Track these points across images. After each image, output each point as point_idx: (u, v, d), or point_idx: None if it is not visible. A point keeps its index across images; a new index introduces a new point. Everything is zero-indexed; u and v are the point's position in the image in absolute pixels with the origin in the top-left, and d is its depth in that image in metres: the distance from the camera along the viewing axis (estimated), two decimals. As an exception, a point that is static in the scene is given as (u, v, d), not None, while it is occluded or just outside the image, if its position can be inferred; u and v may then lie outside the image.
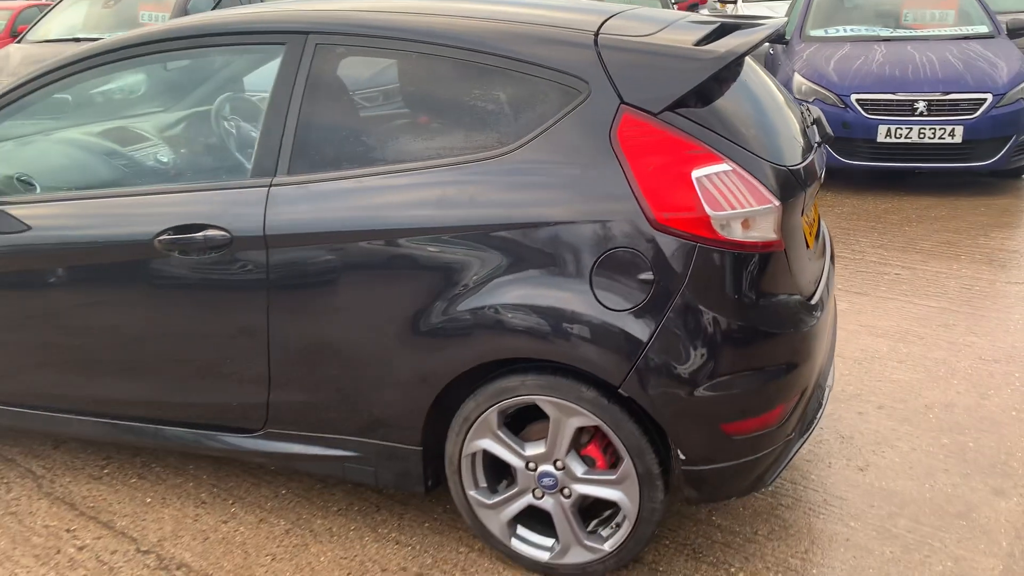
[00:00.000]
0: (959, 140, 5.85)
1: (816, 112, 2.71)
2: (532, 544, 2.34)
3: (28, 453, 3.03)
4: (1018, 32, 6.68)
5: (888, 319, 3.99)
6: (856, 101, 6.00)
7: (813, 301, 2.28)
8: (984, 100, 5.81)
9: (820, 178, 2.40)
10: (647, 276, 2.01)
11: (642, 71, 2.07)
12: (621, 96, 2.05)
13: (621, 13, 2.36)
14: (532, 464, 2.25)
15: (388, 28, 2.25)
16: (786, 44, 7.11)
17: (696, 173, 1.98)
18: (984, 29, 6.74)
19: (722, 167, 1.99)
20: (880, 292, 4.34)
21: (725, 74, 2.13)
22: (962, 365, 3.51)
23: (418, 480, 2.37)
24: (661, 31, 2.22)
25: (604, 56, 2.10)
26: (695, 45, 2.11)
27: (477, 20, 2.24)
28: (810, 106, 2.76)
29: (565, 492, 2.24)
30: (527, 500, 2.30)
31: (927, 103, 5.87)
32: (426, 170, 2.17)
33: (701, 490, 2.19)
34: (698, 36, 2.17)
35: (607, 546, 2.26)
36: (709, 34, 2.20)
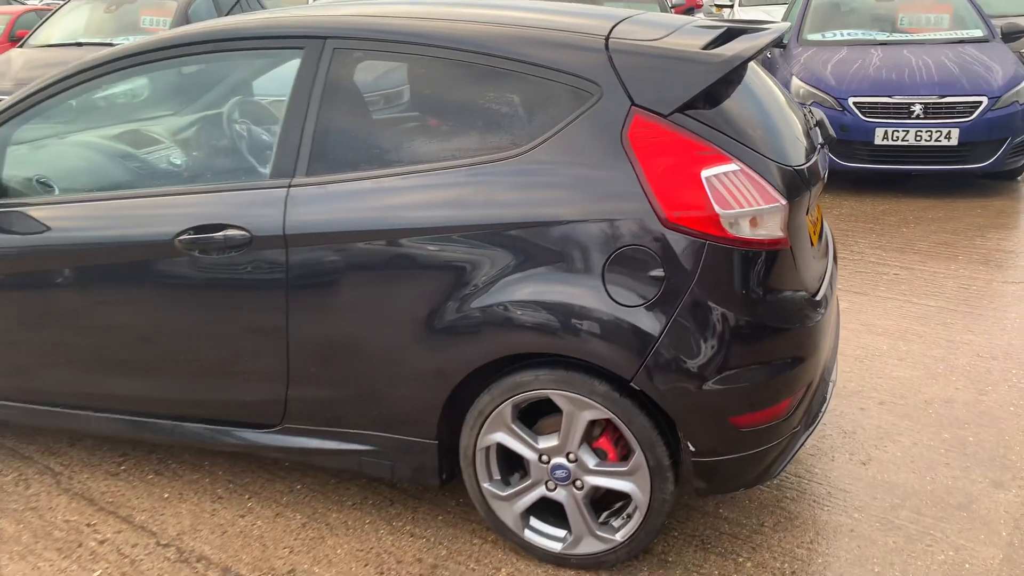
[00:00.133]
0: (955, 143, 5.93)
1: (818, 114, 2.78)
2: (545, 535, 2.40)
3: (45, 450, 3.08)
4: (1013, 36, 6.77)
5: (887, 318, 4.06)
6: (853, 104, 6.08)
7: (818, 297, 2.34)
8: (980, 103, 5.89)
9: (823, 179, 2.46)
10: (658, 273, 2.08)
11: (652, 74, 2.13)
12: (632, 98, 2.11)
13: (629, 18, 2.42)
14: (545, 457, 2.31)
15: (404, 33, 2.32)
16: (784, 48, 7.19)
17: (706, 173, 2.05)
18: (979, 33, 6.82)
19: (731, 167, 2.06)
20: (879, 292, 4.41)
21: (732, 77, 2.19)
22: (960, 362, 3.58)
23: (433, 473, 2.43)
24: (669, 35, 2.28)
25: (615, 60, 2.16)
26: (703, 49, 2.17)
27: (491, 25, 2.30)
28: (812, 108, 2.82)
29: (577, 484, 2.30)
30: (540, 492, 2.35)
31: (923, 106, 5.95)
32: (442, 171, 2.23)
33: (711, 481, 2.25)
34: (706, 40, 2.24)
35: (619, 536, 2.32)
36: (716, 38, 2.27)
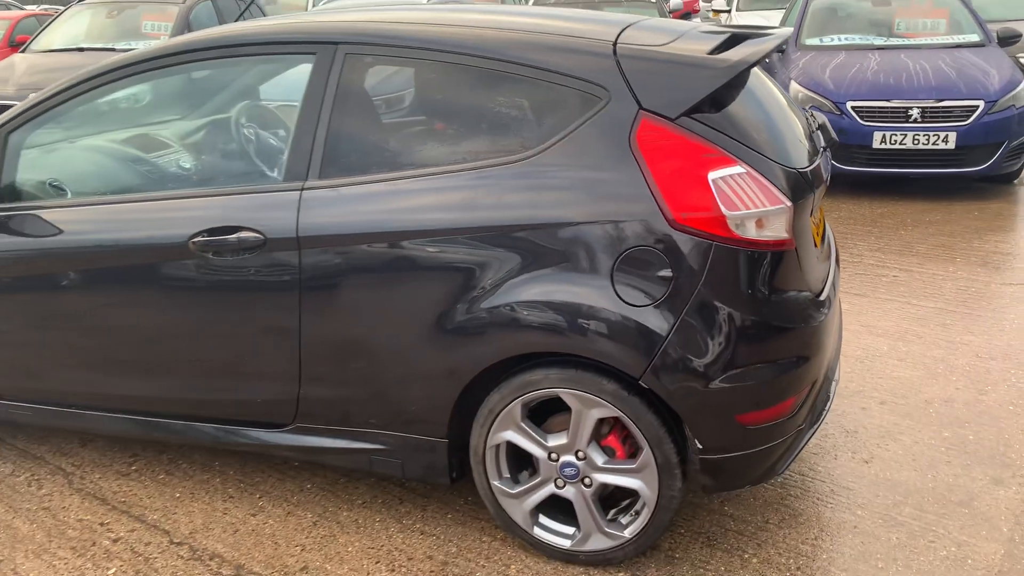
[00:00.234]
0: (952, 146, 5.99)
1: (821, 118, 2.82)
2: (554, 532, 2.44)
3: (56, 451, 3.11)
4: (1009, 40, 6.84)
5: (887, 319, 4.10)
6: (852, 108, 6.14)
7: (821, 298, 2.38)
8: (976, 107, 5.95)
9: (826, 181, 2.51)
10: (666, 273, 2.12)
11: (659, 79, 2.18)
12: (639, 102, 2.16)
13: (635, 24, 2.47)
14: (554, 455, 2.35)
15: (416, 39, 2.36)
16: (782, 52, 7.25)
17: (712, 175, 2.09)
18: (975, 38, 6.89)
19: (737, 169, 2.10)
20: (879, 294, 4.45)
21: (737, 81, 2.24)
22: (960, 363, 3.62)
23: (443, 472, 2.47)
24: (675, 41, 2.33)
25: (623, 65, 2.21)
26: (709, 54, 2.22)
27: (500, 31, 2.35)
28: (815, 112, 2.87)
29: (586, 481, 2.34)
30: (549, 489, 2.39)
31: (921, 110, 6.01)
32: (453, 174, 2.27)
33: (717, 478, 2.29)
34: (711, 45, 2.28)
35: (627, 533, 2.35)
36: (721, 43, 2.32)
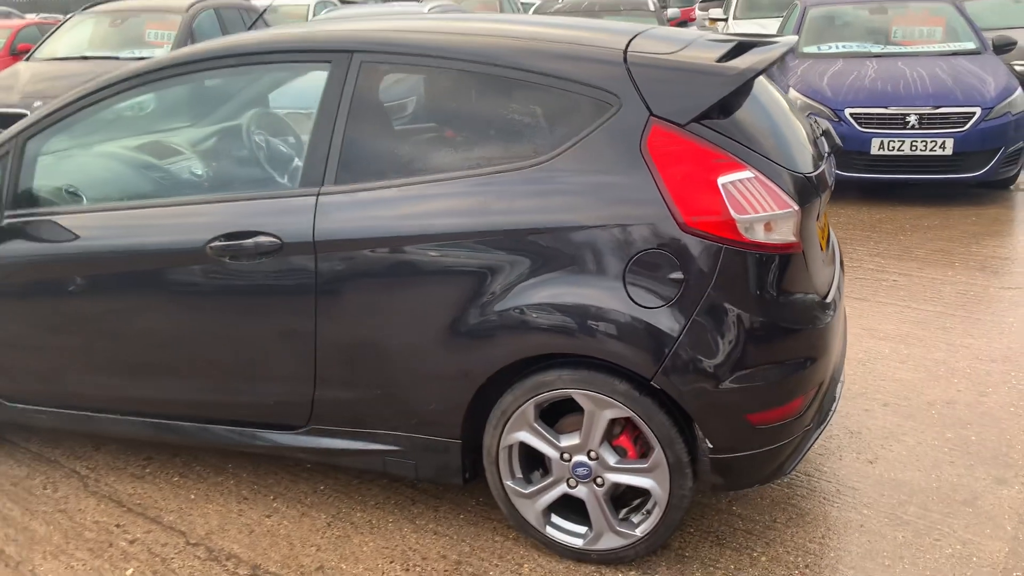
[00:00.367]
0: (950, 152, 6.05)
1: (824, 124, 2.88)
2: (566, 531, 2.47)
3: (70, 455, 3.14)
4: (1004, 48, 6.92)
5: (888, 323, 4.16)
6: (850, 115, 6.20)
7: (828, 300, 2.43)
8: (973, 113, 6.02)
9: (831, 186, 2.56)
10: (677, 275, 2.16)
11: (669, 86, 2.23)
12: (650, 109, 2.21)
13: (643, 33, 2.52)
14: (567, 455, 2.39)
15: (430, 47, 2.41)
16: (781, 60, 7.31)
17: (722, 180, 2.14)
18: (971, 45, 6.97)
19: (746, 174, 2.15)
20: (879, 297, 4.51)
21: (745, 88, 2.29)
22: (961, 365, 3.67)
23: (457, 472, 2.50)
24: (683, 49, 2.38)
25: (633, 72, 2.26)
26: (717, 62, 2.27)
27: (513, 39, 2.40)
28: (818, 119, 2.92)
29: (598, 481, 2.38)
30: (562, 489, 2.43)
31: (918, 117, 6.07)
32: (467, 179, 2.31)
33: (727, 477, 2.33)
34: (719, 53, 2.34)
35: (638, 532, 2.39)
36: (729, 51, 2.37)
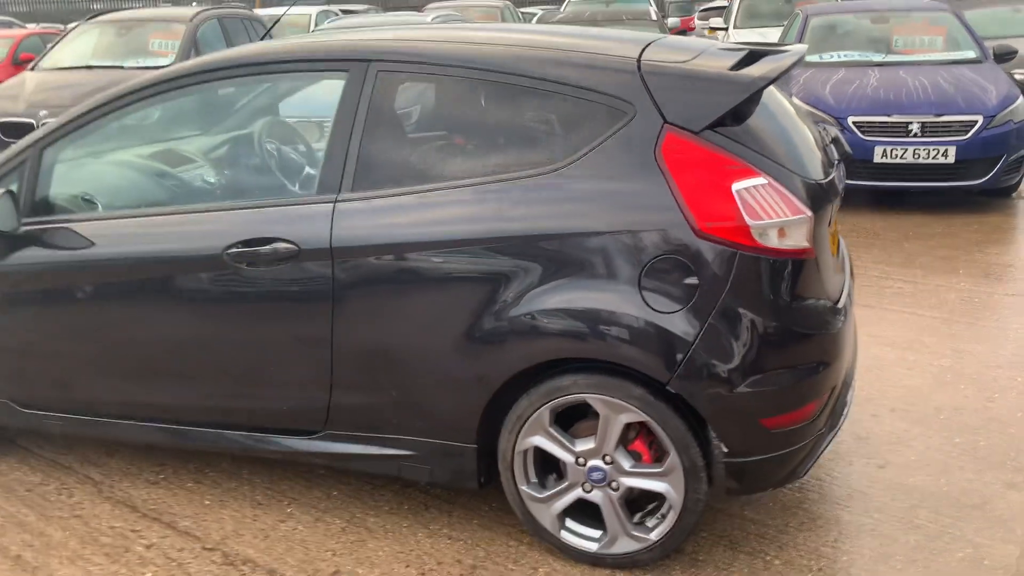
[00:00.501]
0: (952, 160, 6.09)
1: (833, 132, 2.92)
2: (581, 536, 2.49)
3: (84, 461, 3.16)
4: (1005, 57, 6.97)
5: (894, 330, 4.18)
6: (853, 123, 6.24)
7: (839, 306, 2.46)
8: (975, 122, 6.06)
9: (841, 193, 2.59)
10: (691, 281, 2.19)
11: (683, 94, 2.26)
12: (664, 117, 2.24)
13: (656, 42, 2.55)
14: (582, 459, 2.41)
15: (446, 56, 2.44)
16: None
17: (736, 186, 2.17)
18: (972, 54, 7.01)
19: (759, 180, 2.18)
20: (885, 305, 4.53)
21: (757, 96, 2.32)
22: (967, 371, 3.70)
23: (472, 477, 2.52)
24: (696, 58, 2.41)
25: (647, 80, 2.29)
26: (730, 70, 2.30)
27: (528, 48, 2.43)
28: (827, 127, 2.96)
29: (613, 485, 2.40)
30: (577, 493, 2.45)
31: (921, 125, 6.11)
32: (483, 186, 2.34)
33: (741, 481, 2.35)
34: (732, 62, 2.37)
35: (653, 536, 2.41)
36: (741, 60, 2.40)
